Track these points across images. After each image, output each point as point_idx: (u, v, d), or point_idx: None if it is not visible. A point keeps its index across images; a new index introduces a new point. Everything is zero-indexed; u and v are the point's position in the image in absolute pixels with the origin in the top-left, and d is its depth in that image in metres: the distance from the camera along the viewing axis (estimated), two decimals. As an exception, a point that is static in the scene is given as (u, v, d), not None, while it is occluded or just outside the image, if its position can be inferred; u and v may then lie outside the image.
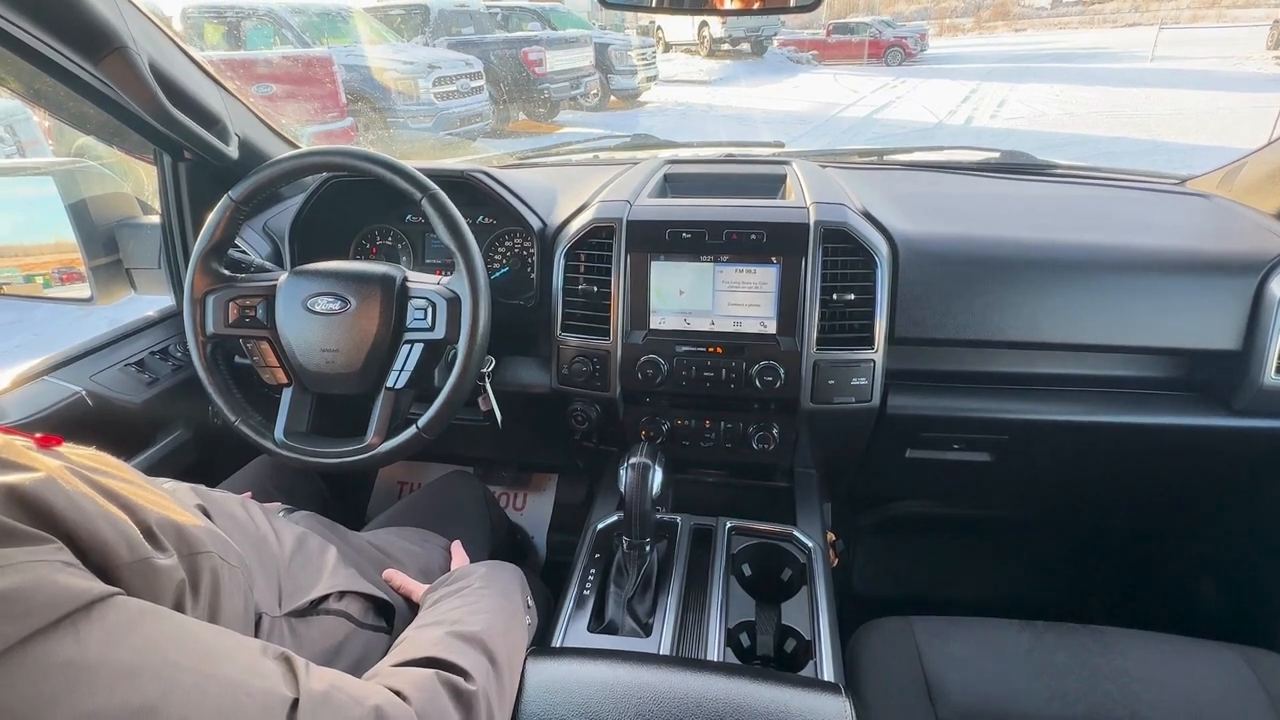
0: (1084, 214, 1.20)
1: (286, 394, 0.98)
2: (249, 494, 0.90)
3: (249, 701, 0.41)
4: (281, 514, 0.86)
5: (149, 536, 0.47)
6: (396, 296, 0.94)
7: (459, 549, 0.98)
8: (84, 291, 1.22)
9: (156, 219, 1.24)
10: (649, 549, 0.92)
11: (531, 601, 0.83)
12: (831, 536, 1.14)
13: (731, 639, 0.87)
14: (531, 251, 1.20)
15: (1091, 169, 1.42)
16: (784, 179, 1.26)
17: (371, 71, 6.98)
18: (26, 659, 0.33)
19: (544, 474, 1.79)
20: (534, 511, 1.74)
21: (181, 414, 1.22)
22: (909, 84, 11.78)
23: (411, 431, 0.93)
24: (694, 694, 0.66)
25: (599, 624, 0.90)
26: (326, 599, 0.71)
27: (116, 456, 0.58)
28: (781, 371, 1.02)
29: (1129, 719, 0.80)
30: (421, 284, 0.96)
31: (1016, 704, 0.83)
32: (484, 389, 1.07)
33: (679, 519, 1.06)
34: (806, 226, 1.01)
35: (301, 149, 0.99)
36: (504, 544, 1.32)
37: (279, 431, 0.97)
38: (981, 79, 11.70)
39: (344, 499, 1.35)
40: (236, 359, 1.08)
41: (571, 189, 1.26)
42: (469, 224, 0.94)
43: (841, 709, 0.66)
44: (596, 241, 1.07)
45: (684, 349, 1.06)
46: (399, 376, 0.94)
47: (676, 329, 1.07)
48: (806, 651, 0.86)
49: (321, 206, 1.19)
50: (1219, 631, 0.94)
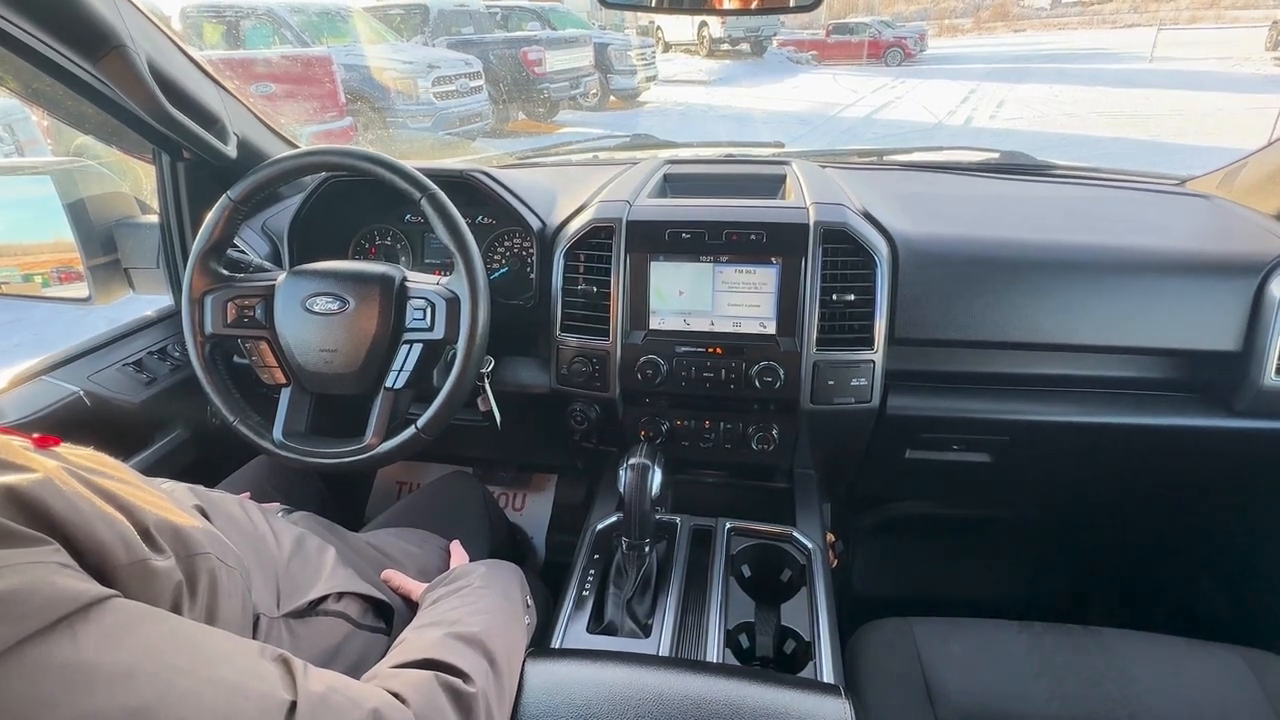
0: (1084, 215, 1.20)
1: (285, 394, 0.98)
2: (247, 494, 0.89)
3: (246, 704, 0.40)
4: (280, 514, 0.86)
5: (146, 538, 0.47)
6: (395, 296, 0.93)
7: (458, 548, 0.98)
8: (82, 291, 1.22)
9: (155, 218, 1.24)
10: (648, 550, 0.91)
11: (531, 600, 0.83)
12: (831, 537, 1.14)
13: (731, 640, 0.87)
14: (531, 251, 1.19)
15: (1091, 169, 1.42)
16: (784, 179, 1.26)
17: (371, 71, 6.97)
18: (24, 661, 0.33)
19: (543, 474, 1.79)
20: (533, 512, 1.74)
21: (180, 414, 1.22)
22: (908, 84, 11.78)
23: (410, 432, 0.93)
24: (693, 695, 0.66)
25: (598, 625, 0.90)
26: (325, 600, 0.71)
27: (114, 457, 0.57)
28: (781, 372, 1.02)
29: (1129, 720, 0.80)
30: (420, 284, 0.96)
31: (1016, 705, 0.83)
32: (483, 389, 1.07)
33: (678, 520, 1.06)
34: (806, 227, 1.01)
35: (300, 149, 0.99)
36: (503, 544, 1.32)
37: (277, 432, 0.96)
38: (981, 79, 11.71)
39: (343, 499, 1.35)
40: (235, 359, 1.07)
41: (571, 189, 1.26)
42: (468, 224, 0.94)
43: (841, 710, 0.66)
44: (596, 242, 1.07)
45: (683, 349, 1.06)
46: (398, 377, 0.94)
47: (676, 329, 1.07)
48: (806, 652, 0.86)
49: (320, 206, 1.19)
50: (1219, 633, 0.94)
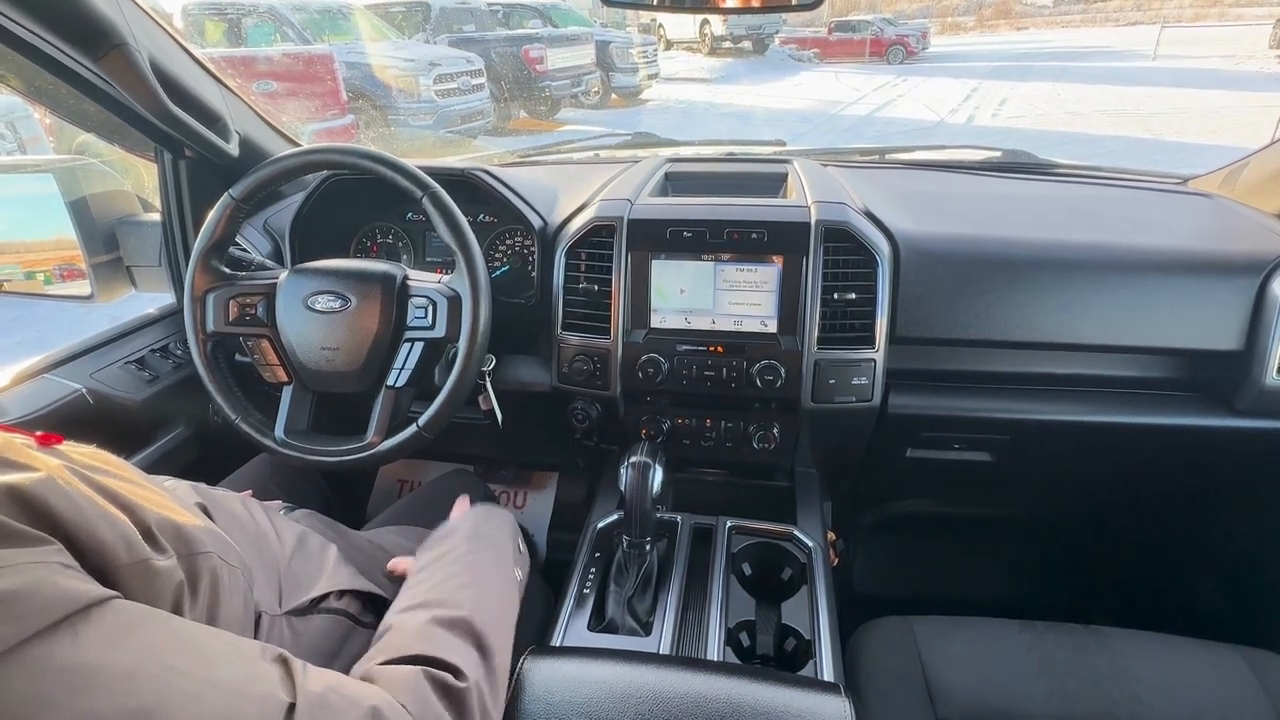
0: (1086, 213, 1.20)
1: (287, 392, 0.98)
2: (249, 492, 0.89)
3: (246, 706, 0.40)
4: (282, 512, 0.86)
5: (148, 537, 0.47)
6: (397, 295, 0.94)
7: (464, 502, 0.93)
8: (84, 289, 1.22)
9: (157, 217, 1.24)
10: (649, 548, 0.91)
11: (524, 546, 0.81)
12: (832, 536, 1.14)
13: (731, 638, 0.87)
14: (532, 250, 1.19)
15: (1093, 168, 1.42)
16: (785, 178, 1.26)
17: (372, 69, 6.96)
18: (24, 661, 0.33)
19: (544, 473, 1.79)
20: (534, 510, 1.74)
21: (182, 412, 1.22)
22: (910, 82, 11.76)
23: (412, 430, 0.93)
24: (694, 693, 0.66)
25: (599, 623, 0.90)
26: (327, 598, 0.71)
27: (117, 454, 0.57)
28: (782, 370, 1.02)
29: (1129, 720, 0.80)
30: (422, 282, 0.96)
31: (1017, 704, 0.83)
32: (484, 388, 1.07)
33: (679, 518, 1.06)
34: (808, 225, 1.01)
35: (302, 147, 0.99)
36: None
37: (279, 430, 0.97)
38: (983, 77, 11.69)
39: (344, 497, 1.35)
40: (237, 357, 1.07)
41: (572, 187, 1.26)
42: (469, 222, 0.94)
43: (841, 709, 0.66)
44: (597, 240, 1.07)
45: (684, 348, 1.05)
46: (399, 375, 0.94)
47: (677, 328, 1.07)
48: (806, 651, 0.86)
49: (322, 204, 1.19)
50: (1220, 632, 0.94)
